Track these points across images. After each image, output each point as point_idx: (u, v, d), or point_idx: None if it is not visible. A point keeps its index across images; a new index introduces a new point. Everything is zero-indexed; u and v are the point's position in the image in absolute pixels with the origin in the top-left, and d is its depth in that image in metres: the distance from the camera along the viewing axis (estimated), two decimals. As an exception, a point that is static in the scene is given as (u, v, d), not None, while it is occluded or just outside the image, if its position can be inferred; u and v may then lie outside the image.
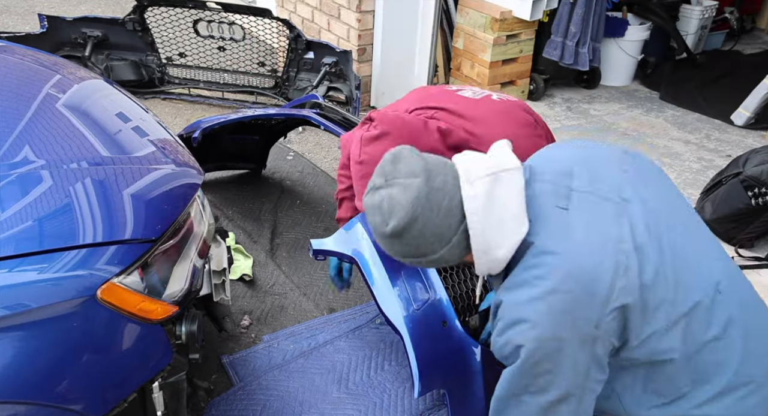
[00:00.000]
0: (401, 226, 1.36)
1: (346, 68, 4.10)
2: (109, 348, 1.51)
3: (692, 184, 3.81)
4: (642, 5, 5.17)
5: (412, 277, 2.03)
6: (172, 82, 4.53)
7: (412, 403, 2.28)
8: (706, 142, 4.38)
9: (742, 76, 5.19)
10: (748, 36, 6.54)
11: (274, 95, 4.47)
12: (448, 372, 2.01)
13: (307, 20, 4.81)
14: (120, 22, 4.25)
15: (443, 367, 1.99)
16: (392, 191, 1.37)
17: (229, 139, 3.40)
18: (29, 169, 1.62)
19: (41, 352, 1.39)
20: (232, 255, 2.30)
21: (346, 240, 2.11)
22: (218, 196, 3.48)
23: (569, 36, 4.47)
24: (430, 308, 2.01)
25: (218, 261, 2.16)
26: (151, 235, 1.61)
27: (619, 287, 1.32)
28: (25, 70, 2.17)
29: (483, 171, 1.38)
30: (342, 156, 2.26)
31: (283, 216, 3.34)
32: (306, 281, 2.90)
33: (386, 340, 2.54)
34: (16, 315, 1.36)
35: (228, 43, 4.37)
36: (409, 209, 1.34)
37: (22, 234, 1.45)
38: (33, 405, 1.38)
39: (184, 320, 1.81)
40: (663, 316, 1.36)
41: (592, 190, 1.43)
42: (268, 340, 2.54)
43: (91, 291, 1.46)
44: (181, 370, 1.78)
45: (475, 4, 4.42)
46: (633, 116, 4.74)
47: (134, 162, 1.79)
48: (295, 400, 2.28)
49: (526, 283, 1.36)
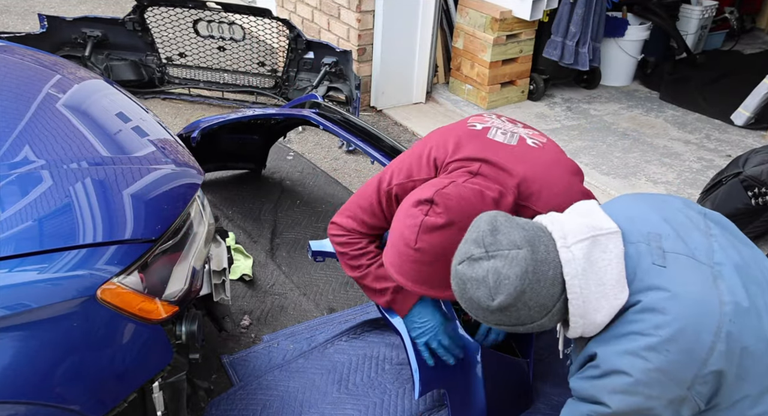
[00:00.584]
0: (508, 302, 1.33)
1: (346, 68, 4.10)
2: (108, 348, 1.51)
3: (692, 183, 3.81)
4: (642, 5, 5.17)
5: None
6: (172, 82, 4.53)
7: (412, 403, 2.28)
8: (706, 142, 4.38)
9: (742, 76, 5.19)
10: (748, 36, 6.54)
11: (274, 95, 4.47)
12: (448, 372, 2.01)
13: (307, 20, 4.81)
14: (120, 22, 4.25)
15: (443, 367, 1.99)
16: (497, 264, 1.33)
17: (229, 139, 3.40)
18: (29, 169, 1.62)
19: (41, 352, 1.39)
20: (232, 255, 2.30)
21: None
22: (218, 195, 3.48)
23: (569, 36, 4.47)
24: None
25: (218, 261, 2.16)
26: (151, 235, 1.61)
27: (719, 351, 1.31)
28: (25, 70, 2.17)
29: (580, 234, 1.36)
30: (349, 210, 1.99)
31: (283, 216, 3.34)
32: (306, 281, 2.90)
33: (386, 341, 2.54)
34: (16, 315, 1.36)
35: (228, 43, 4.37)
36: (517, 284, 1.32)
37: (22, 234, 1.45)
38: (33, 405, 1.38)
39: (184, 320, 1.81)
40: (758, 381, 1.36)
41: (686, 252, 1.41)
42: (268, 340, 2.54)
43: (91, 291, 1.46)
44: (181, 370, 1.78)
45: (475, 4, 4.42)
46: (633, 116, 4.74)
47: (134, 162, 1.79)
48: (295, 400, 2.28)
49: (627, 337, 1.35)
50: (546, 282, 1.34)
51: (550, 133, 4.38)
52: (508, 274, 1.32)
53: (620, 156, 4.13)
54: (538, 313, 1.36)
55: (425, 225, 1.63)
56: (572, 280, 1.34)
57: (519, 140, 1.84)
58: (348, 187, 3.65)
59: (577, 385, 1.45)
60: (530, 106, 4.82)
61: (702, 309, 1.33)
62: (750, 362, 1.34)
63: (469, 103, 4.74)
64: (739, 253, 1.46)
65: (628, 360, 1.33)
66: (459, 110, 4.63)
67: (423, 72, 4.65)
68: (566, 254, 1.35)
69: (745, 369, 1.34)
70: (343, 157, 3.98)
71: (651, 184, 3.81)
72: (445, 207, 1.63)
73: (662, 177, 3.89)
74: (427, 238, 1.63)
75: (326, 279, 2.91)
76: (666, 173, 3.94)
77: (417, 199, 1.65)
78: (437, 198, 1.63)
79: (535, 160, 1.79)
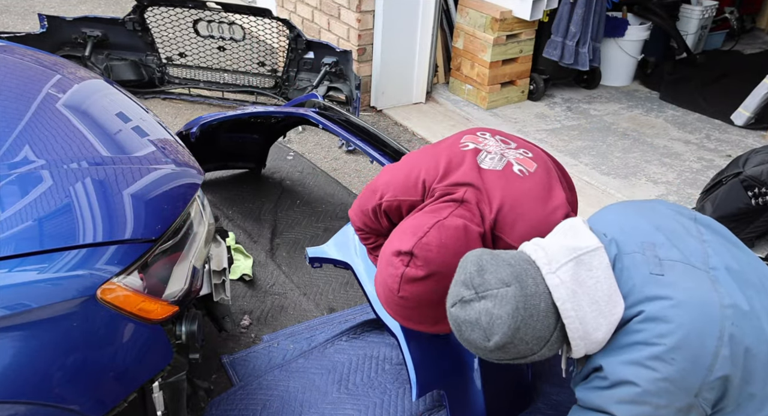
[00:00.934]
0: (504, 341, 1.33)
1: (346, 68, 4.10)
2: (108, 348, 1.51)
3: (692, 183, 3.81)
4: (642, 5, 5.17)
5: None
6: (172, 81, 4.53)
7: (412, 404, 2.28)
8: (706, 142, 4.38)
9: (742, 76, 5.19)
10: (748, 36, 6.54)
11: (274, 95, 4.47)
12: (446, 373, 2.01)
13: (307, 20, 4.81)
14: (120, 22, 4.25)
15: (440, 368, 1.99)
16: (487, 305, 1.33)
17: (229, 139, 3.40)
18: (29, 169, 1.62)
19: (41, 352, 1.38)
20: (232, 255, 2.30)
21: (341, 247, 2.12)
22: (218, 195, 3.48)
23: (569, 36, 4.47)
24: None
25: (218, 261, 2.16)
26: (151, 235, 1.61)
27: (723, 356, 1.31)
28: (25, 70, 2.16)
29: (563, 257, 1.36)
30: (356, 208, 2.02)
31: (283, 216, 3.34)
32: (306, 281, 2.90)
33: (386, 341, 2.54)
34: (16, 315, 1.36)
35: (228, 43, 4.37)
36: (510, 322, 1.32)
37: (22, 234, 1.45)
38: (33, 404, 1.38)
39: (184, 320, 1.81)
40: (763, 383, 1.36)
41: (681, 259, 1.42)
42: (268, 340, 2.54)
43: (91, 291, 1.46)
44: (181, 370, 1.78)
45: (475, 4, 4.42)
46: (633, 116, 4.74)
47: (134, 162, 1.79)
48: (295, 400, 2.28)
49: (632, 347, 1.35)
50: (539, 315, 1.34)
51: (550, 133, 4.38)
52: (500, 314, 1.32)
53: (620, 156, 4.13)
54: (536, 345, 1.36)
55: (406, 276, 1.65)
56: (564, 305, 1.34)
57: (505, 166, 1.81)
58: (348, 187, 3.65)
59: (584, 395, 1.45)
60: (530, 106, 4.82)
61: (704, 314, 1.33)
62: (754, 364, 1.34)
63: (469, 103, 4.74)
64: (734, 257, 1.47)
65: (634, 370, 1.33)
66: (459, 110, 4.63)
67: (423, 72, 4.64)
68: (553, 280, 1.34)
69: (750, 372, 1.34)
70: (343, 157, 3.98)
71: (651, 184, 3.81)
72: (425, 260, 1.63)
73: (662, 177, 3.89)
74: (409, 288, 1.66)
75: (326, 279, 2.91)
76: (666, 173, 3.94)
77: (398, 249, 1.66)
78: (417, 250, 1.63)
79: (516, 189, 1.76)
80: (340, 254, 2.11)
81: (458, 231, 1.65)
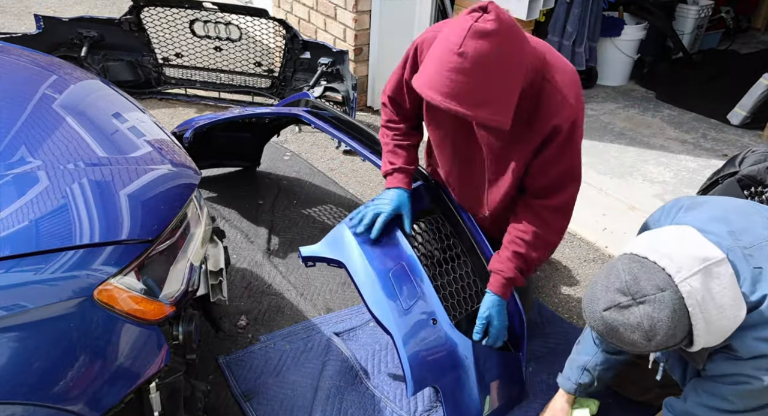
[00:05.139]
0: (664, 340, 1.48)
1: (342, 68, 4.10)
2: (105, 349, 1.51)
3: (689, 183, 3.81)
4: (638, 5, 5.18)
5: (401, 278, 2.04)
6: (168, 82, 4.53)
7: (410, 404, 2.28)
8: (703, 142, 4.39)
9: (738, 75, 5.21)
10: (744, 35, 6.56)
11: (271, 95, 4.47)
12: (441, 370, 2.02)
13: (304, 20, 4.81)
14: (116, 23, 4.25)
15: (435, 365, 2.00)
16: (647, 309, 1.46)
17: (223, 137, 3.39)
18: (25, 170, 1.61)
19: (38, 353, 1.38)
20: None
21: (335, 246, 2.13)
22: (215, 196, 3.47)
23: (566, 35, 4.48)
24: (419, 306, 2.02)
25: (215, 261, 2.16)
26: (148, 236, 1.61)
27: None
28: (21, 70, 2.16)
29: (693, 267, 1.47)
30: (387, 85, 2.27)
31: (280, 217, 3.34)
32: (303, 281, 2.89)
33: (382, 341, 2.54)
34: (12, 316, 1.36)
35: (224, 43, 4.37)
36: (670, 324, 1.46)
37: (19, 235, 1.44)
38: (30, 405, 1.38)
39: (181, 320, 1.81)
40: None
41: (763, 237, 1.59)
42: (264, 341, 2.54)
43: (88, 291, 1.46)
44: (178, 371, 1.78)
45: (472, 3, 4.41)
46: (629, 116, 4.75)
47: (131, 162, 1.79)
48: (290, 400, 2.27)
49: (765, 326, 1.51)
50: (685, 315, 1.47)
51: (546, 132, 4.38)
52: (660, 317, 1.46)
53: (617, 155, 4.14)
54: (680, 340, 1.51)
55: (474, 29, 1.61)
56: (694, 310, 1.46)
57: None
58: (345, 187, 3.65)
59: (715, 365, 1.61)
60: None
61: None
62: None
63: (466, 103, 4.73)
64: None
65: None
66: (456, 110, 4.63)
67: (420, 72, 4.64)
68: (685, 287, 1.46)
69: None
70: (339, 157, 3.98)
71: (648, 184, 3.81)
72: (497, 16, 1.62)
73: (659, 176, 3.90)
74: (472, 43, 1.60)
75: (323, 280, 2.91)
76: (662, 172, 3.94)
77: (470, 8, 1.64)
78: (491, 6, 1.63)
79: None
80: (334, 253, 2.11)
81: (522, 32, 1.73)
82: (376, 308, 2.00)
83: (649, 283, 1.47)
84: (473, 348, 2.06)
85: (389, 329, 1.97)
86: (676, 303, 1.46)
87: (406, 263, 2.08)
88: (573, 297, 2.92)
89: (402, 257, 2.09)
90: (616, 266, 1.55)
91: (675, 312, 1.45)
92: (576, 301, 2.89)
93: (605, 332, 1.55)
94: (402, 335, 1.97)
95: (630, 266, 1.52)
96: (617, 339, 1.54)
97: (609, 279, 1.54)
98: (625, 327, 1.49)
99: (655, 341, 1.48)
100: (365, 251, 2.08)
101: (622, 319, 1.50)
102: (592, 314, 1.56)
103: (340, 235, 2.15)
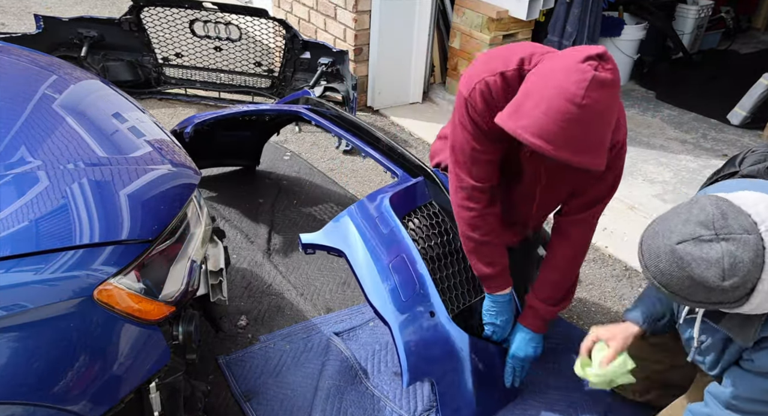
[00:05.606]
0: (738, 283, 1.41)
1: (342, 68, 4.10)
2: (105, 349, 1.51)
3: (689, 183, 3.81)
4: (638, 5, 5.18)
5: (400, 270, 2.05)
6: (168, 82, 4.53)
7: (410, 403, 2.28)
8: (703, 142, 4.39)
9: (738, 75, 5.21)
10: (744, 35, 6.56)
11: (271, 95, 4.47)
12: (437, 361, 2.03)
13: (304, 20, 4.81)
14: (116, 23, 4.25)
15: (431, 356, 2.02)
16: (730, 247, 1.40)
17: (223, 136, 3.40)
18: (25, 170, 1.61)
19: (38, 353, 1.38)
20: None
21: (335, 234, 2.14)
22: (215, 196, 3.47)
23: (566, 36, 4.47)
24: (417, 298, 2.03)
25: (215, 261, 2.16)
26: (148, 236, 1.61)
27: None
28: (21, 70, 2.16)
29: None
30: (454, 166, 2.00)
31: (280, 217, 3.34)
32: (303, 281, 2.89)
33: (382, 341, 2.54)
34: (12, 316, 1.36)
35: (224, 43, 4.37)
36: (750, 267, 1.40)
37: (19, 235, 1.44)
38: (30, 405, 1.38)
39: (181, 320, 1.81)
40: None
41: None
42: (264, 341, 2.54)
43: (88, 291, 1.46)
44: (178, 371, 1.78)
45: (472, 3, 4.42)
46: (629, 116, 4.75)
47: (131, 162, 1.79)
48: (290, 400, 2.27)
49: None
50: (760, 266, 1.41)
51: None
52: (742, 258, 1.39)
53: (617, 155, 4.13)
54: (744, 294, 1.43)
55: (596, 80, 1.55)
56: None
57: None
58: (345, 187, 3.65)
59: (763, 362, 1.55)
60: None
61: None
62: None
63: (466, 103, 4.73)
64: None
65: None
66: (456, 110, 4.63)
67: (419, 72, 4.65)
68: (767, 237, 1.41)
69: None
70: (340, 157, 3.98)
71: (648, 184, 3.81)
72: (613, 65, 1.59)
73: (659, 176, 3.90)
74: (594, 95, 1.56)
75: (323, 280, 2.91)
76: (663, 172, 3.94)
77: (585, 55, 1.57)
78: (606, 54, 1.58)
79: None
80: (334, 241, 2.12)
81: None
82: (374, 298, 2.01)
83: (737, 222, 1.41)
84: (469, 342, 2.07)
85: (386, 319, 1.98)
86: (760, 250, 1.40)
87: (405, 255, 2.09)
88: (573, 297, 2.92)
89: (402, 249, 2.10)
90: (701, 201, 1.47)
91: (757, 258, 1.39)
92: (576, 301, 2.89)
93: (670, 268, 1.46)
94: (399, 325, 1.98)
95: (718, 202, 1.45)
96: (682, 277, 1.45)
97: (691, 212, 1.46)
98: (700, 262, 1.41)
99: (729, 282, 1.40)
100: (366, 241, 2.09)
101: (699, 253, 1.41)
102: (657, 248, 1.48)
103: (342, 225, 2.15)
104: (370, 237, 2.11)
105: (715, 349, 1.72)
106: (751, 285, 1.42)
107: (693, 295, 1.46)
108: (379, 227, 2.13)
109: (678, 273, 1.45)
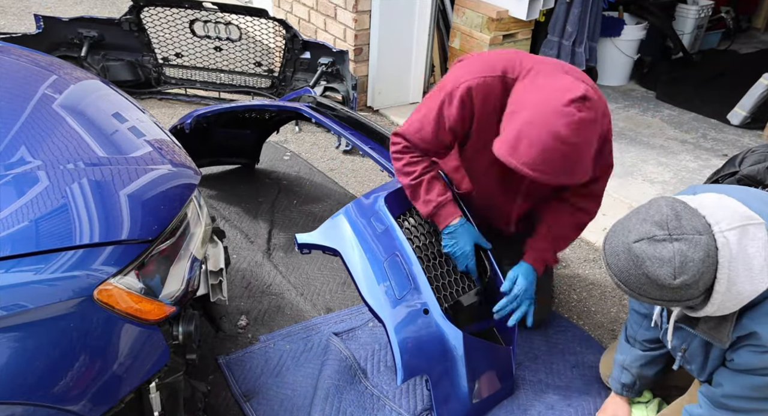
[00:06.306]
0: (689, 282, 1.46)
1: (342, 68, 4.10)
2: (105, 349, 1.51)
3: (689, 183, 3.81)
4: (638, 5, 5.18)
5: (394, 268, 2.07)
6: (168, 82, 4.53)
7: (409, 403, 2.28)
8: (703, 142, 4.39)
9: (738, 75, 5.20)
10: (744, 35, 6.56)
11: (271, 95, 4.47)
12: (431, 358, 2.04)
13: (304, 20, 4.81)
14: (116, 23, 4.25)
15: (425, 353, 2.03)
16: (682, 247, 1.45)
17: (222, 134, 3.40)
18: (25, 170, 1.61)
19: (38, 353, 1.38)
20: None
21: (331, 233, 2.15)
22: (215, 196, 3.47)
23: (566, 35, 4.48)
24: (412, 296, 2.05)
25: (215, 261, 2.16)
26: (148, 236, 1.61)
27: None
28: (21, 70, 2.16)
29: (733, 222, 1.47)
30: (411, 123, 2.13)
31: (280, 217, 3.34)
32: (303, 281, 2.89)
33: (381, 341, 2.54)
34: (12, 316, 1.36)
35: (224, 43, 4.37)
36: (701, 267, 1.45)
37: (19, 235, 1.45)
38: (30, 405, 1.38)
39: (181, 320, 1.81)
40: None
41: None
42: (264, 341, 2.54)
43: (88, 291, 1.46)
44: (178, 371, 1.78)
45: (472, 3, 4.42)
46: (629, 116, 4.75)
47: (131, 162, 1.79)
48: (290, 400, 2.27)
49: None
50: (713, 267, 1.47)
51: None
52: (693, 257, 1.44)
53: (617, 155, 4.10)
54: (700, 293, 1.49)
55: (581, 121, 1.74)
56: (723, 264, 1.46)
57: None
58: (345, 187, 3.65)
59: (743, 360, 1.60)
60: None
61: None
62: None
63: (466, 103, 4.73)
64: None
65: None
66: (456, 110, 4.63)
67: (419, 72, 4.65)
68: (721, 239, 1.46)
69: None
70: (340, 157, 3.98)
71: (648, 184, 3.81)
72: (592, 102, 1.77)
73: (659, 176, 3.90)
74: (583, 133, 1.75)
75: (323, 280, 2.91)
76: (662, 173, 3.94)
77: (569, 98, 1.74)
78: (589, 94, 1.77)
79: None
80: (330, 241, 2.14)
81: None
82: (369, 296, 2.03)
83: (690, 224, 1.46)
84: (464, 340, 2.08)
85: (381, 316, 2.00)
86: (711, 251, 1.44)
87: (400, 254, 2.11)
88: (573, 296, 2.92)
89: (396, 248, 2.11)
90: (658, 202, 1.53)
91: (707, 258, 1.44)
92: (576, 301, 2.89)
93: (627, 265, 1.51)
94: (394, 323, 1.99)
95: (673, 203, 1.51)
96: (638, 275, 1.50)
97: (648, 212, 1.52)
98: (654, 260, 1.46)
99: (680, 280, 1.45)
100: (361, 240, 2.11)
101: (652, 251, 1.47)
102: (616, 247, 1.54)
103: (337, 224, 2.17)
104: (365, 237, 2.12)
105: (699, 355, 1.77)
106: (705, 285, 1.47)
107: (649, 293, 1.52)
108: (374, 226, 2.15)
109: (634, 271, 1.51)
